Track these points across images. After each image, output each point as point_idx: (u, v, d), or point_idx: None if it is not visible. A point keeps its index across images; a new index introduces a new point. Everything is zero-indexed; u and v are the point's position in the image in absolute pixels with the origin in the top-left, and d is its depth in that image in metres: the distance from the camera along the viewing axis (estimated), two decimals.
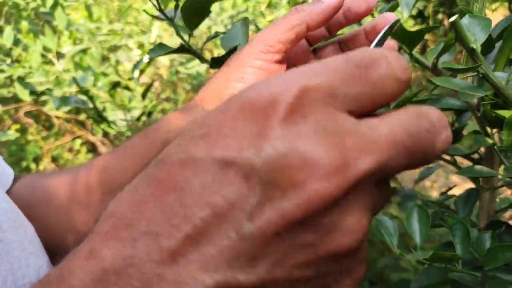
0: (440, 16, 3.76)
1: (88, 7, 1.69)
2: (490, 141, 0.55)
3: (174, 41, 1.75)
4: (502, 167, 0.60)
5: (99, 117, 1.00)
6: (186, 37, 0.56)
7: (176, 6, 0.55)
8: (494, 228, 0.59)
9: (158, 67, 2.19)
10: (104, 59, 1.61)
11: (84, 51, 1.41)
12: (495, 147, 0.59)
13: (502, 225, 0.59)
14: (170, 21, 0.55)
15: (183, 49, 0.52)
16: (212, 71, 0.62)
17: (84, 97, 0.93)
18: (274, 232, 0.16)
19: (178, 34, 0.57)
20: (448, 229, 0.53)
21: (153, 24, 1.67)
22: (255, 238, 0.16)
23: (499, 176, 0.56)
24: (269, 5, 1.97)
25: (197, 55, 0.56)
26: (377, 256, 1.26)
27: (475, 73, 0.41)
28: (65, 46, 1.56)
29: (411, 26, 3.66)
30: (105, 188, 0.42)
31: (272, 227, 0.16)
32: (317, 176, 0.16)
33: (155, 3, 0.54)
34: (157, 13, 0.56)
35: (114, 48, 1.67)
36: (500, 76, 0.47)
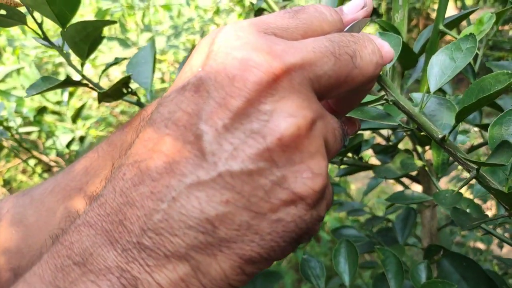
0: (414, 21, 3.81)
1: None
2: (419, 163, 0.51)
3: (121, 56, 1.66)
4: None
5: (20, 146, 0.92)
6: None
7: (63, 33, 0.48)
8: (433, 254, 0.55)
9: (111, 80, 2.10)
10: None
11: (18, 71, 1.31)
12: (426, 168, 0.55)
13: (440, 249, 0.55)
14: (58, 49, 0.48)
15: (70, 82, 0.45)
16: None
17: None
18: (223, 126, 0.19)
19: (69, 64, 0.50)
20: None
21: None
22: (209, 135, 0.19)
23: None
24: (217, 12, 1.91)
25: (92, 86, 0.49)
26: None
27: (385, 102, 0.36)
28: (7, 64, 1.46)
29: (367, 24, 3.69)
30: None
31: (220, 122, 0.19)
32: (251, 69, 0.20)
33: (39, 30, 0.47)
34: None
35: (48, 66, 1.57)
36: (418, 98, 0.43)
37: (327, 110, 0.29)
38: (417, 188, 0.72)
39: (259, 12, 0.71)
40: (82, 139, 1.07)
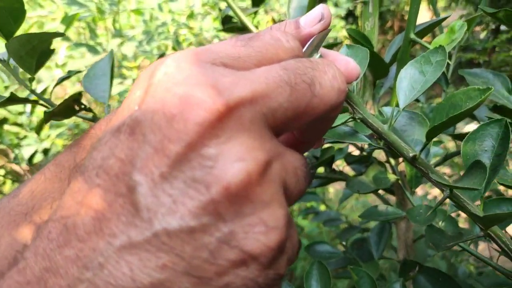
0: (389, 23, 3.84)
1: None
2: (392, 178, 0.49)
3: (90, 63, 1.61)
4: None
5: None
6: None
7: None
8: (408, 269, 0.53)
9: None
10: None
11: None
12: (400, 181, 0.53)
13: (415, 265, 0.53)
14: (3, 63, 0.44)
15: (14, 99, 0.42)
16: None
17: None
18: (160, 175, 0.16)
19: (17, 78, 0.46)
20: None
21: (60, 44, 1.53)
22: (144, 186, 0.16)
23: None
24: (191, 16, 1.88)
25: (42, 103, 0.46)
26: None
27: (352, 120, 0.34)
28: None
29: (342, 26, 3.71)
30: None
31: (156, 171, 0.16)
32: (192, 107, 0.17)
33: None
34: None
35: None
36: (389, 112, 0.41)
37: (292, 141, 0.26)
38: (392, 197, 0.70)
39: (226, 19, 0.68)
40: (46, 151, 1.01)
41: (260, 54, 0.20)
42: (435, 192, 1.75)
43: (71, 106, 0.43)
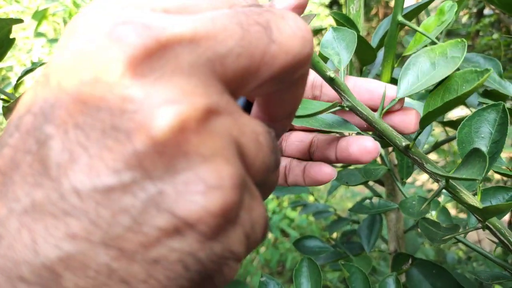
0: (373, 11, 3.82)
1: None
2: (383, 169, 0.47)
3: None
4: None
5: None
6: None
7: None
8: (401, 263, 0.51)
9: None
10: None
11: None
12: (391, 174, 0.51)
13: (408, 257, 0.51)
14: None
15: None
16: None
17: None
18: (75, 125, 0.14)
19: None
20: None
21: (33, 42, 1.47)
22: (56, 139, 0.14)
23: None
24: None
25: (4, 98, 0.42)
26: None
27: (339, 108, 0.31)
28: None
29: (326, 15, 3.68)
30: None
31: (70, 120, 0.14)
32: (114, 45, 0.14)
33: None
34: None
35: None
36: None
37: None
38: (381, 186, 0.68)
39: None
40: None
41: (211, 5, 0.17)
42: (423, 178, 1.75)
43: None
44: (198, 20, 0.15)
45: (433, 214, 0.45)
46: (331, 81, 0.30)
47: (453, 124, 0.57)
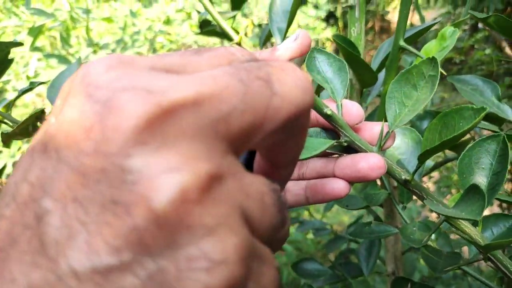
0: (370, 23, 3.85)
1: None
2: (383, 194, 0.47)
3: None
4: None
5: None
6: None
7: None
8: (400, 287, 0.51)
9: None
10: None
11: None
12: (391, 198, 0.50)
13: (407, 282, 0.51)
14: None
15: None
16: None
17: None
18: (73, 199, 0.13)
19: None
20: None
21: (31, 56, 1.47)
22: (55, 214, 0.13)
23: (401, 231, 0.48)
24: (167, 22, 1.83)
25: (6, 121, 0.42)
26: None
27: (336, 143, 0.31)
28: None
29: (323, 28, 3.71)
30: None
31: (69, 194, 0.13)
32: (114, 114, 0.13)
33: None
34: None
35: None
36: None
37: (262, 169, 0.22)
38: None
39: (204, 23, 0.65)
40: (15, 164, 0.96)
41: (211, 63, 0.17)
42: None
43: (34, 124, 0.40)
44: (200, 80, 0.15)
45: (432, 237, 0.45)
46: (328, 118, 0.30)
47: (453, 147, 0.57)
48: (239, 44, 0.54)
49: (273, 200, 0.16)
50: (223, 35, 0.56)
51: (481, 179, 0.33)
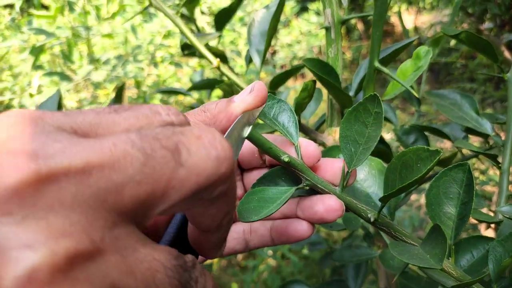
0: (353, 21, 3.83)
1: None
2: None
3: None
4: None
5: None
6: None
7: None
8: None
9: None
10: None
11: None
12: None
13: None
14: None
15: None
16: None
17: None
18: None
19: None
20: None
21: (33, 74, 1.49)
22: None
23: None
24: (167, 36, 1.85)
25: None
26: None
27: (297, 189, 0.30)
28: None
29: (324, 35, 3.69)
30: None
31: None
32: None
33: None
34: None
35: None
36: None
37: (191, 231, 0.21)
38: None
39: (185, 46, 0.65)
40: None
41: (128, 123, 0.16)
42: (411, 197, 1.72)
43: None
44: (97, 147, 0.14)
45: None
46: (287, 165, 0.29)
47: (441, 162, 0.56)
48: (218, 68, 0.55)
49: (169, 279, 0.15)
50: (203, 57, 0.56)
51: (450, 209, 0.32)
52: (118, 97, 0.69)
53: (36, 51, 1.16)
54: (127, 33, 1.56)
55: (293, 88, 2.27)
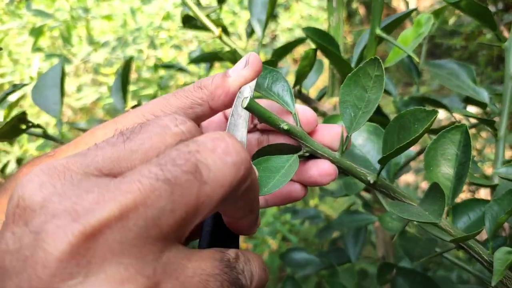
0: (354, 5, 3.78)
1: None
2: (362, 184, 0.47)
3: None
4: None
5: None
6: None
7: None
8: (386, 272, 0.51)
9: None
10: None
11: None
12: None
13: (393, 267, 0.51)
14: None
15: None
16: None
17: None
18: None
19: None
20: None
21: (32, 58, 1.49)
22: None
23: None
24: (166, 18, 1.84)
25: None
26: None
27: (300, 155, 0.31)
28: None
29: (326, 19, 3.66)
30: None
31: None
32: (42, 247, 0.14)
33: None
34: None
35: None
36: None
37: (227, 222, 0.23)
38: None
39: (186, 18, 0.65)
40: (19, 161, 0.99)
41: (144, 147, 0.18)
42: (410, 179, 1.73)
43: (17, 125, 0.41)
44: (125, 192, 0.15)
45: (411, 228, 0.45)
46: (286, 132, 0.30)
47: (434, 131, 0.57)
48: (220, 37, 0.55)
49: (220, 282, 0.17)
50: (204, 28, 0.56)
51: (448, 170, 0.33)
52: (125, 74, 0.68)
53: (36, 32, 1.16)
54: (126, 16, 1.55)
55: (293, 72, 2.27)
